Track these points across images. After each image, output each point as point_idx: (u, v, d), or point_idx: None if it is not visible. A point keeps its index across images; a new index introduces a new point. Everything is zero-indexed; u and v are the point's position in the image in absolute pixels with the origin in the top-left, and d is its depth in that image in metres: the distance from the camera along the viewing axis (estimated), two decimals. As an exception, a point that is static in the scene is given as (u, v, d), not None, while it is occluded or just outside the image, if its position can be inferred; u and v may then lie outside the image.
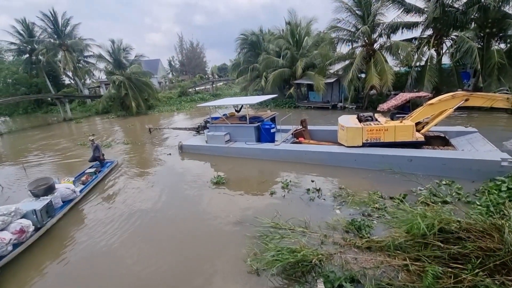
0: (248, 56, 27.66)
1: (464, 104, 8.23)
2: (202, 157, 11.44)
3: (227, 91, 42.16)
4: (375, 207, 5.94)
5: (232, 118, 12.42)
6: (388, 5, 18.55)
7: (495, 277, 3.19)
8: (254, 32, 26.95)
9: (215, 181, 8.49)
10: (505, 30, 16.02)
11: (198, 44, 67.56)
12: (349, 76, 18.42)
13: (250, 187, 8.08)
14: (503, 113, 14.46)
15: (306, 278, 3.99)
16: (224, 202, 7.35)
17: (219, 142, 11.33)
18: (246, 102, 12.56)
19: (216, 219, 6.39)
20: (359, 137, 8.81)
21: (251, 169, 9.77)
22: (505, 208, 4.86)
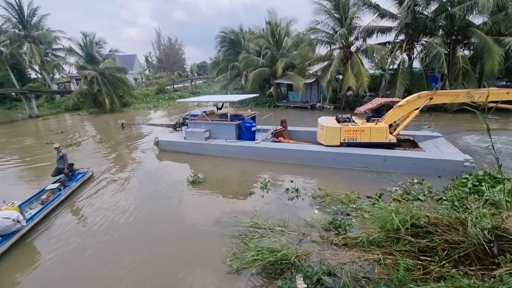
0: (228, 54, 27.47)
1: (429, 103, 8.83)
2: (179, 155, 11.17)
3: (206, 89, 41.56)
4: (353, 207, 6.13)
5: (213, 116, 12.28)
6: (364, 10, 19.25)
7: (460, 268, 3.41)
8: (233, 30, 26.80)
9: (191, 180, 8.33)
10: (469, 38, 17.25)
11: (177, 41, 65.89)
12: (328, 77, 18.90)
13: (229, 187, 8.03)
14: (467, 115, 15.57)
15: (285, 275, 4.02)
16: (202, 201, 7.24)
17: (199, 138, 11.16)
18: (227, 99, 12.53)
19: (193, 220, 6.27)
20: (337, 136, 9.12)
21: (230, 169, 9.70)
22: (467, 202, 5.24)
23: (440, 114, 17.08)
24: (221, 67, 27.85)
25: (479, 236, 3.32)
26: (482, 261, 3.36)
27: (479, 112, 3.29)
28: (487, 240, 3.29)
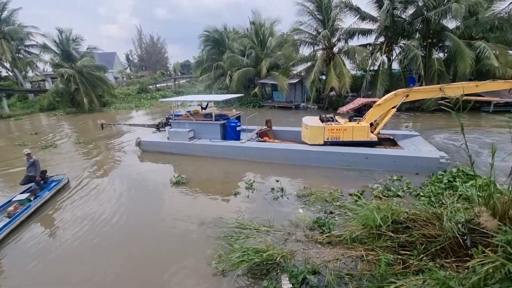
0: (212, 54, 27.22)
1: (406, 100, 9.20)
2: (162, 156, 10.93)
3: (190, 89, 41.00)
4: (337, 204, 6.25)
5: (197, 115, 12.13)
6: (346, 12, 19.71)
7: (436, 260, 3.57)
8: (217, 29, 26.60)
9: (175, 181, 8.18)
10: (443, 41, 18.12)
11: (159, 39, 64.45)
12: (311, 78, 19.18)
13: (213, 187, 7.95)
14: (442, 114, 16.34)
15: (271, 276, 4.04)
16: (186, 203, 7.13)
17: (182, 138, 10.98)
18: (212, 99, 12.43)
19: (177, 221, 6.15)
20: (321, 135, 9.30)
21: (215, 169, 9.62)
22: (443, 197, 5.50)
23: (417, 114, 17.84)
24: (205, 66, 27.55)
25: (453, 229, 3.48)
26: (456, 254, 3.52)
27: (454, 111, 3.46)
28: (461, 233, 3.46)
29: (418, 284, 3.01)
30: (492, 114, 16.16)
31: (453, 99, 3.65)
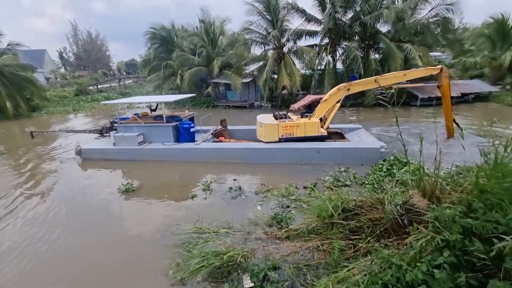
0: (160, 52, 25.83)
1: (348, 93, 9.98)
2: (108, 163, 9.98)
3: (138, 89, 38.34)
4: (293, 198, 6.47)
5: (146, 118, 11.36)
6: (293, 13, 20.59)
7: (381, 241, 3.93)
8: (164, 26, 25.33)
9: (123, 189, 7.55)
10: (378, 43, 20.19)
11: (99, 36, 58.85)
12: (264, 77, 19.58)
13: (168, 192, 7.54)
14: (380, 109, 18.19)
15: (232, 277, 3.98)
16: (138, 211, 6.62)
17: (131, 143, 10.16)
18: (162, 100, 11.74)
19: (129, 233, 5.68)
20: (275, 133, 9.56)
21: (169, 173, 9.15)
22: (384, 184, 6.10)
23: (360, 109, 19.57)
24: (153, 65, 26.05)
25: (393, 211, 3.88)
26: (397, 233, 3.93)
27: (390, 105, 3.89)
28: (399, 214, 3.87)
29: (367, 264, 3.26)
30: (419, 108, 18.60)
31: (389, 94, 4.08)
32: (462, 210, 2.95)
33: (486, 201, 2.90)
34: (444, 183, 3.86)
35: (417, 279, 2.62)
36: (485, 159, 3.30)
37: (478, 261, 2.56)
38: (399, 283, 2.73)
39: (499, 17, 23.09)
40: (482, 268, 2.58)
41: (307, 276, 3.74)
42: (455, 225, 2.80)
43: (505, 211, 2.62)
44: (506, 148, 2.95)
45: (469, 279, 2.49)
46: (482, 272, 2.57)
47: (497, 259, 2.48)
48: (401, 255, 3.09)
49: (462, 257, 2.66)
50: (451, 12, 18.73)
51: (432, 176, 3.86)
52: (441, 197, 3.60)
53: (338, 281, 3.17)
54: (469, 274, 2.53)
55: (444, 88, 9.85)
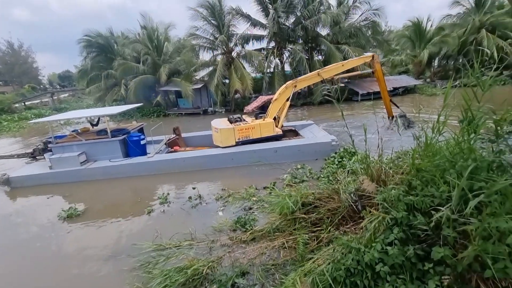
0: (98, 61, 23.71)
1: (295, 90, 10.43)
2: (45, 189, 8.69)
3: (76, 103, 34.62)
4: (254, 199, 6.47)
5: (87, 134, 10.24)
6: (238, 18, 20.89)
7: (340, 229, 4.15)
8: (101, 33, 23.34)
9: (65, 216, 6.67)
10: (320, 45, 21.64)
11: (22, 46, 51.52)
12: (215, 82, 19.41)
13: (121, 211, 6.88)
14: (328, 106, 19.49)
15: (200, 291, 3.78)
16: (86, 237, 5.88)
17: (72, 164, 9.05)
18: (103, 113, 10.67)
19: (78, 263, 5.01)
20: (232, 137, 9.52)
21: (120, 190, 8.39)
22: (337, 175, 6.49)
23: (310, 107, 20.70)
24: (92, 76, 23.81)
25: (348, 199, 4.12)
26: (353, 219, 4.19)
27: (336, 101, 4.18)
28: (353, 201, 4.13)
29: (330, 253, 3.40)
30: (360, 102, 20.48)
31: (334, 89, 4.38)
32: (404, 189, 3.28)
33: (422, 178, 3.26)
34: (387, 167, 4.25)
35: (374, 258, 2.81)
36: (418, 142, 3.73)
37: (422, 233, 2.85)
38: (360, 265, 2.89)
39: (415, 21, 26.78)
40: (425, 239, 2.88)
41: (275, 275, 3.75)
42: (400, 203, 3.09)
43: (438, 185, 2.97)
44: (433, 130, 3.37)
45: (416, 250, 2.76)
46: (426, 242, 2.87)
47: (436, 229, 2.79)
48: (359, 239, 3.29)
49: (409, 231, 2.94)
50: (377, 16, 21.14)
51: (377, 162, 4.22)
52: (386, 180, 3.95)
53: (305, 274, 3.23)
54: (416, 246, 2.81)
55: (378, 73, 11.08)
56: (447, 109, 3.22)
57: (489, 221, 2.33)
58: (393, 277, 2.74)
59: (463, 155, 2.93)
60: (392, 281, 2.71)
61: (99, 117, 11.79)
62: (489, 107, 2.98)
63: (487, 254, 2.31)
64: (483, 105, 2.93)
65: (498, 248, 2.31)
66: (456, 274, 2.59)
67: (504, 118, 2.95)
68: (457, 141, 3.09)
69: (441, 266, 2.64)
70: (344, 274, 2.90)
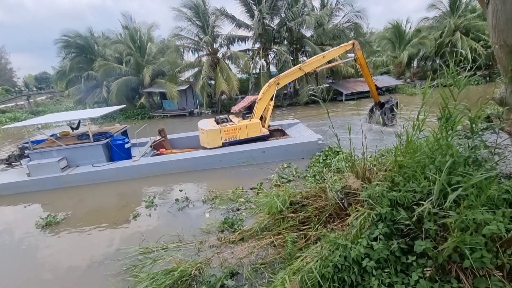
0: (77, 62, 22.82)
1: (279, 88, 10.44)
2: (22, 196, 8.26)
3: (54, 106, 33.21)
4: (241, 200, 6.46)
5: (67, 139, 9.84)
6: (223, 19, 20.81)
7: (328, 226, 4.22)
8: (80, 33, 22.48)
9: (44, 224, 6.36)
10: (304, 46, 21.92)
11: (-5, 46, 49.02)
12: (200, 83, 19.23)
13: (105, 217, 6.67)
14: (313, 106, 19.78)
15: (188, 294, 3.73)
16: (67, 246, 5.65)
17: (52, 171, 8.64)
18: (84, 116, 10.27)
19: (61, 272, 4.81)
20: (218, 138, 9.47)
21: (104, 195, 8.13)
22: (324, 174, 6.60)
23: (296, 107, 20.91)
24: (71, 77, 22.93)
25: (335, 197, 4.20)
26: (340, 216, 4.27)
27: (321, 101, 4.26)
28: (340, 199, 4.21)
29: (318, 250, 3.45)
30: (344, 102, 20.93)
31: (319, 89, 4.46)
32: (387, 186, 3.38)
33: (405, 174, 3.38)
34: (371, 165, 4.37)
35: (361, 254, 2.88)
36: (399, 140, 3.86)
37: (405, 227, 2.95)
38: (347, 261, 2.95)
39: (395, 23, 27.73)
40: (408, 233, 2.98)
41: (264, 274, 3.76)
42: (384, 199, 3.18)
43: (419, 181, 3.09)
44: (414, 128, 3.50)
45: (400, 244, 2.85)
46: (409, 236, 2.97)
47: (418, 223, 2.90)
48: (345, 235, 3.36)
49: (393, 226, 3.03)
50: (359, 18, 21.70)
51: (362, 160, 4.34)
52: (370, 177, 4.05)
53: (294, 272, 3.26)
54: (399, 240, 2.90)
55: (360, 59, 11.26)
56: (425, 107, 3.36)
57: (466, 214, 2.45)
58: (379, 271, 2.81)
59: (441, 151, 3.06)
60: (378, 275, 2.79)
61: (79, 120, 11.37)
62: (464, 105, 3.14)
63: (465, 245, 2.43)
64: (459, 103, 3.08)
65: (475, 239, 2.43)
66: (437, 266, 2.70)
67: (478, 116, 3.12)
68: (436, 138, 3.22)
69: (424, 259, 2.74)
70: (332, 271, 2.95)
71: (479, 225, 2.47)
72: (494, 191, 2.68)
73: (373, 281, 2.76)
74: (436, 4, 26.16)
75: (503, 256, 2.51)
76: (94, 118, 14.06)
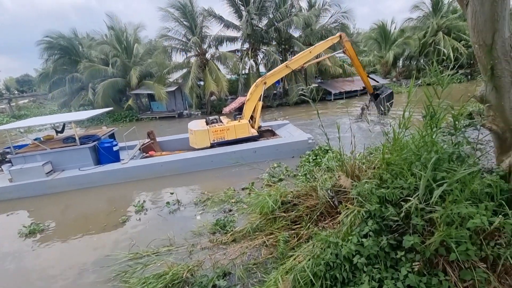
0: (61, 64, 22.15)
1: (266, 87, 10.44)
2: (5, 204, 7.93)
3: (38, 110, 32.17)
4: (233, 201, 6.43)
5: (52, 142, 9.53)
6: (211, 20, 20.69)
7: (319, 225, 4.26)
8: (63, 34, 21.80)
9: (27, 232, 6.14)
10: (293, 47, 22.07)
11: (-28, 47, 47.00)
12: (189, 84, 19.05)
13: (93, 223, 6.49)
14: (302, 106, 19.94)
15: (180, 297, 3.69)
16: (53, 254, 5.46)
17: (36, 176, 8.33)
18: (69, 119, 9.98)
19: (46, 282, 4.65)
20: (206, 138, 9.50)
21: (92, 201, 7.90)
22: (314, 173, 6.66)
23: (286, 108, 21.03)
24: (55, 80, 22.27)
25: (325, 196, 4.25)
26: (331, 214, 4.32)
27: (311, 101, 4.31)
28: (330, 197, 4.26)
29: (310, 249, 3.48)
30: (333, 102, 21.21)
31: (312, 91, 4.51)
32: (376, 183, 3.44)
33: (392, 171, 3.45)
34: (360, 163, 4.44)
35: (351, 251, 2.92)
36: (387, 138, 3.94)
37: (393, 223, 3.02)
38: (338, 258, 2.99)
39: (380, 24, 28.33)
40: (397, 229, 3.05)
41: (257, 274, 3.75)
42: (373, 197, 3.24)
43: (406, 178, 3.16)
44: (400, 126, 3.58)
45: (389, 240, 2.91)
46: (397, 232, 3.04)
47: (406, 219, 2.97)
48: (336, 233, 3.40)
49: (382, 222, 3.09)
50: (346, 18, 22.05)
51: (351, 158, 4.40)
52: (359, 175, 4.12)
53: (286, 272, 3.27)
54: (388, 236, 2.96)
55: (349, 51, 11.06)
56: (411, 105, 3.45)
57: (451, 208, 2.53)
58: (369, 267, 2.86)
59: (427, 148, 3.15)
60: (368, 271, 2.84)
61: (64, 123, 11.04)
62: (448, 103, 3.24)
63: (451, 238, 2.51)
64: (442, 101, 3.18)
65: (460, 232, 2.51)
66: (425, 260, 2.77)
67: (461, 113, 3.22)
68: (421, 135, 3.31)
69: (412, 253, 2.81)
70: (324, 269, 2.98)
71: (464, 219, 2.56)
72: (477, 186, 2.77)
73: (364, 277, 2.81)
74: (419, 5, 26.89)
75: (486, 248, 2.61)
76: (81, 120, 13.51)
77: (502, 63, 2.42)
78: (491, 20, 2.29)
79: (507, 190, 2.94)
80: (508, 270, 2.78)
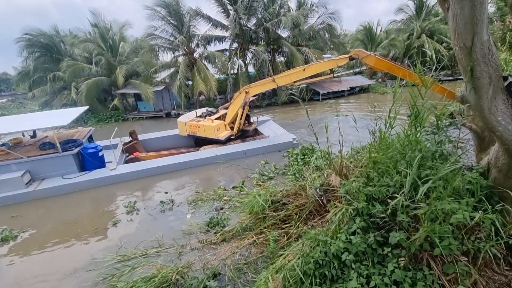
0: (42, 62, 21.27)
1: (248, 96, 10.20)
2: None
3: (17, 110, 30.76)
4: (225, 199, 6.42)
5: (25, 148, 8.65)
6: (198, 19, 20.48)
7: (308, 223, 4.31)
8: (44, 32, 20.95)
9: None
10: (281, 47, 22.20)
11: None
12: (177, 84, 18.78)
13: (81, 227, 6.24)
14: (291, 105, 20.10)
15: (170, 300, 3.64)
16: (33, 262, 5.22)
17: (13, 187, 7.62)
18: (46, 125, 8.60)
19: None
20: (184, 129, 10.89)
21: (79, 204, 7.53)
22: (303, 172, 6.74)
23: (275, 107, 21.12)
24: (35, 78, 21.37)
25: (314, 194, 4.30)
26: (320, 213, 4.38)
27: (301, 101, 4.36)
28: (319, 196, 4.32)
29: (299, 248, 3.51)
30: (321, 102, 21.50)
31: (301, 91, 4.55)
32: (363, 181, 3.52)
33: (379, 170, 3.54)
34: (348, 161, 4.53)
35: (340, 248, 2.98)
36: (373, 137, 4.04)
37: (380, 220, 3.09)
38: (327, 256, 3.04)
39: (366, 25, 28.94)
40: (383, 226, 3.13)
41: (247, 274, 3.76)
42: (361, 195, 3.31)
43: (392, 176, 3.25)
44: (386, 125, 3.67)
45: (376, 236, 2.98)
46: (384, 228, 3.11)
47: (392, 216, 3.05)
48: (325, 231, 3.45)
49: (369, 220, 3.17)
50: (333, 20, 22.35)
51: (339, 157, 4.48)
52: (347, 173, 4.20)
53: (276, 271, 3.29)
54: (375, 233, 3.03)
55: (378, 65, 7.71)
56: (396, 105, 3.54)
57: (435, 204, 2.62)
58: (357, 264, 2.92)
59: (411, 146, 3.25)
60: (356, 268, 2.90)
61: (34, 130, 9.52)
62: (431, 103, 3.35)
63: (434, 234, 2.60)
64: (426, 101, 3.29)
65: (444, 227, 2.60)
66: (411, 255, 2.86)
67: (443, 113, 3.34)
68: (406, 134, 3.41)
69: (398, 249, 2.90)
70: (313, 267, 3.02)
71: (447, 214, 2.65)
72: (458, 183, 2.89)
73: (352, 274, 2.86)
74: (403, 8, 27.66)
75: (468, 242, 2.72)
76: (63, 127, 11.18)
77: (481, 64, 2.53)
78: (471, 23, 2.38)
79: (486, 186, 3.08)
80: (488, 263, 2.91)
